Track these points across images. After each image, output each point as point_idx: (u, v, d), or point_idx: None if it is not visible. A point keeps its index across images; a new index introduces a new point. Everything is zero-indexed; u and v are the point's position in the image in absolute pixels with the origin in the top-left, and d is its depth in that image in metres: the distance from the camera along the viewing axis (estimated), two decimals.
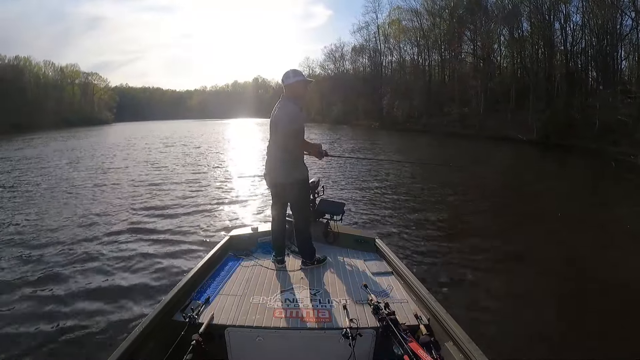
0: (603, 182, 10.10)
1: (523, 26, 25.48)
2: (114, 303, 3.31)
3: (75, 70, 66.49)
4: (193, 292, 2.22)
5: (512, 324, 3.05)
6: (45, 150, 18.54)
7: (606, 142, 14.95)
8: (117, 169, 12.15)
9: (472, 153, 14.66)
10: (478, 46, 29.29)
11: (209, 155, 16.07)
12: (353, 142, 21.21)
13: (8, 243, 4.98)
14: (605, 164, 11.91)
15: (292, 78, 2.55)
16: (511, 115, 23.49)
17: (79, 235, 5.29)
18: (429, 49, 35.25)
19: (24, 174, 11.15)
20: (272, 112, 2.61)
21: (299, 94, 2.61)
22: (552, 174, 10.99)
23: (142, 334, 1.72)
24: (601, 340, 2.85)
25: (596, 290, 3.58)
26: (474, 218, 6.24)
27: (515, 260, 4.41)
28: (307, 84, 2.64)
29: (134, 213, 6.50)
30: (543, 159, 15.02)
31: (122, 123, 65.30)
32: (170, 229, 5.48)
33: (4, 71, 49.89)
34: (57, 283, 3.74)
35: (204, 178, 10.13)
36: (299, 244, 2.73)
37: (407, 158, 13.48)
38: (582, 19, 21.19)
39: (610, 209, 6.79)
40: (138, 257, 4.40)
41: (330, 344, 1.85)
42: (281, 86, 2.64)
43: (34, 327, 2.94)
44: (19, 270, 4.08)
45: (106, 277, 3.87)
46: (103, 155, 16.32)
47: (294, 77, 2.55)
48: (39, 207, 7.01)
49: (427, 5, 34.11)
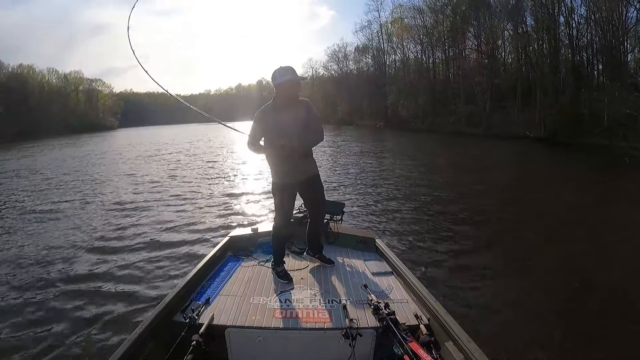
0: (619, 181, 9.44)
1: (527, 21, 25.23)
2: (114, 304, 3.34)
3: (79, 77, 67.20)
4: (193, 292, 2.23)
5: (513, 324, 3.02)
6: (41, 160, 18.36)
7: (616, 138, 14.67)
8: (117, 172, 12.30)
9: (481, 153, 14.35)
10: (482, 42, 29.05)
11: (213, 157, 16.19)
12: (360, 144, 20.89)
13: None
14: (617, 160, 11.56)
15: (279, 78, 2.36)
16: (518, 112, 23.21)
17: (78, 234, 5.39)
18: (433, 46, 35.02)
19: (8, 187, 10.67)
20: (276, 115, 2.41)
21: (288, 95, 2.39)
22: (563, 172, 10.71)
23: (143, 335, 1.72)
24: (601, 340, 2.82)
25: (598, 291, 3.53)
26: (477, 218, 6.18)
27: (517, 260, 4.36)
28: (292, 85, 2.39)
29: (134, 213, 6.60)
30: (552, 157, 14.73)
31: (127, 129, 65.95)
32: (170, 229, 5.55)
33: (8, 80, 50.53)
34: (57, 284, 3.79)
35: (205, 179, 10.23)
36: (315, 236, 2.74)
37: (424, 164, 13.06)
38: (587, 11, 20.91)
39: (626, 208, 6.45)
40: (138, 257, 4.45)
41: (331, 344, 1.85)
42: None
43: (33, 328, 2.98)
44: (18, 272, 4.15)
45: (106, 278, 3.91)
46: (104, 160, 16.52)
47: (280, 78, 2.35)
48: (39, 214, 7.04)
49: (430, 2, 33.93)
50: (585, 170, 11.24)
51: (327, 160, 13.48)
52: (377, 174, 10.79)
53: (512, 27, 26.27)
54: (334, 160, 13.73)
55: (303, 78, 2.51)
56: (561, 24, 22.53)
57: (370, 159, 14.56)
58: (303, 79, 2.50)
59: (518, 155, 15.35)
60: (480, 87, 26.72)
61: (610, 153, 13.02)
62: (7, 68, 52.71)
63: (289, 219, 2.68)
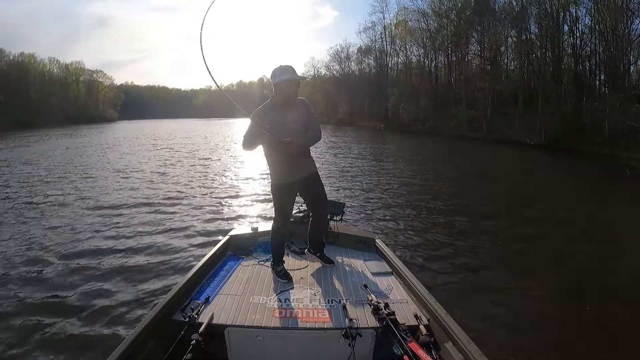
0: (620, 191, 9.43)
1: (531, 28, 25.30)
2: (114, 303, 3.31)
3: (80, 68, 66.84)
4: (193, 291, 2.22)
5: (512, 324, 3.03)
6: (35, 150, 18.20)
7: (617, 148, 14.73)
8: (115, 166, 12.23)
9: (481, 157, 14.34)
10: (485, 48, 29.11)
11: (213, 155, 16.17)
12: (361, 145, 20.80)
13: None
14: (617, 171, 11.56)
15: (278, 77, 2.35)
16: (519, 118, 23.28)
17: (77, 234, 5.30)
18: (436, 50, 35.09)
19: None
20: (276, 114, 2.40)
21: (287, 94, 2.39)
22: (563, 181, 10.69)
23: (142, 334, 1.71)
24: (602, 340, 2.83)
25: (598, 293, 3.56)
26: (477, 219, 6.20)
27: (517, 261, 4.39)
28: (291, 84, 2.38)
29: (132, 211, 6.53)
30: (552, 165, 14.77)
31: (127, 121, 65.47)
32: (170, 229, 5.49)
33: (9, 68, 50.17)
34: (56, 283, 3.74)
35: (205, 178, 10.17)
36: (319, 234, 2.73)
37: (424, 167, 13.06)
38: (592, 21, 20.97)
39: (627, 219, 6.43)
40: (138, 256, 4.40)
41: (330, 344, 1.84)
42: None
43: (32, 328, 2.94)
44: (17, 268, 4.10)
45: (105, 277, 3.86)
46: (101, 153, 16.35)
47: (279, 76, 2.35)
48: (35, 211, 6.83)
49: (434, 6, 33.98)
50: (585, 177, 11.30)
51: (327, 161, 13.49)
52: (377, 174, 10.79)
53: (516, 33, 26.34)
54: (334, 161, 13.74)
55: (303, 78, 2.50)
56: (565, 32, 22.64)
57: (370, 160, 14.56)
58: (303, 78, 2.50)
59: (520, 161, 15.47)
60: (482, 93, 26.78)
61: (611, 162, 13.06)
62: (8, 56, 52.48)
63: (288, 219, 2.68)
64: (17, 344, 2.74)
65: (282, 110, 2.41)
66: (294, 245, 2.98)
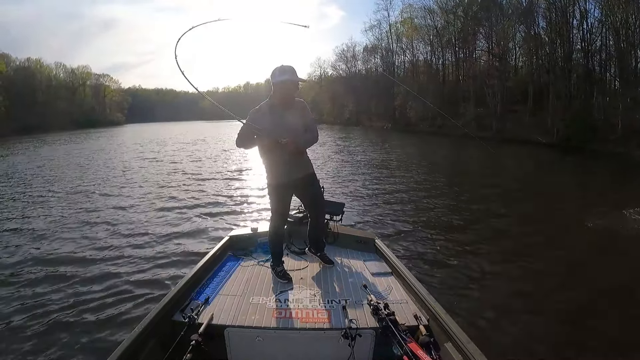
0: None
1: (539, 24, 24.87)
2: (114, 303, 3.35)
3: (87, 72, 67.70)
4: (193, 292, 2.23)
5: (512, 324, 3.00)
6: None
7: (631, 146, 14.39)
8: (120, 168, 12.43)
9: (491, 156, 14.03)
10: (494, 44, 28.71)
11: (215, 155, 16.37)
12: (369, 148, 20.01)
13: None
14: (633, 170, 11.26)
15: (277, 77, 2.34)
16: (529, 116, 22.88)
17: (77, 233, 5.39)
18: (443, 48, 34.70)
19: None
20: (273, 114, 2.40)
21: (285, 95, 2.38)
22: (577, 181, 10.38)
23: (142, 334, 1.73)
24: (602, 341, 2.79)
25: (601, 294, 3.50)
26: (478, 219, 6.15)
27: (518, 262, 4.32)
28: (290, 85, 2.36)
29: (133, 213, 6.60)
30: (565, 164, 14.35)
31: (134, 124, 65.97)
32: (170, 229, 5.54)
33: (15, 73, 50.99)
34: (56, 283, 3.78)
35: (206, 178, 10.25)
36: (318, 235, 2.73)
37: (429, 166, 12.79)
38: (601, 15, 20.51)
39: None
40: (137, 257, 4.44)
41: (330, 344, 1.85)
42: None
43: (32, 328, 2.98)
44: (17, 268, 4.19)
45: (105, 277, 3.90)
46: (106, 157, 16.58)
47: (279, 76, 2.33)
48: (39, 211, 6.97)
49: (441, 2, 33.61)
50: (598, 180, 10.81)
51: (328, 161, 13.47)
52: (379, 174, 10.75)
53: (525, 29, 25.93)
54: (337, 161, 13.70)
55: (303, 80, 2.47)
56: (574, 26, 22.19)
57: (374, 160, 14.43)
58: (303, 80, 2.47)
59: (531, 160, 15.08)
60: (491, 90, 26.41)
61: (625, 162, 12.70)
62: (14, 62, 53.17)
63: (285, 219, 2.68)
64: (17, 343, 2.78)
65: (280, 110, 2.40)
66: (294, 246, 2.98)
